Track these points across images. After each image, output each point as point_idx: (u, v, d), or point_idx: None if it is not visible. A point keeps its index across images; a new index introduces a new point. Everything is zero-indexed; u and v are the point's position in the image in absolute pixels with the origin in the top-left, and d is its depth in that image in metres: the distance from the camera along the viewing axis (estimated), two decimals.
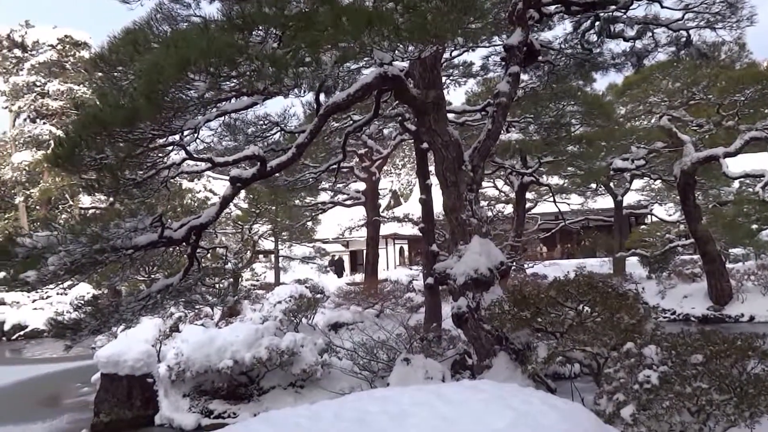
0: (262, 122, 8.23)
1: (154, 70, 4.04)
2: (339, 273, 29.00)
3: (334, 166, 10.91)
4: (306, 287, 13.17)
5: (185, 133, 5.28)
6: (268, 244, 20.86)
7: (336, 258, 32.56)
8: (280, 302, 12.00)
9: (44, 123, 32.70)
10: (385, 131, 15.35)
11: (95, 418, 8.82)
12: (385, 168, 23.61)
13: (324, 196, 19.23)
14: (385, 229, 23.46)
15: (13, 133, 35.02)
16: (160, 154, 5.71)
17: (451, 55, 11.30)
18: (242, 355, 8.85)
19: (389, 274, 21.48)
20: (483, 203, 21.67)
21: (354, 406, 3.01)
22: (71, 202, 30.44)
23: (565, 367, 7.90)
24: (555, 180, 20.14)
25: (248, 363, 8.85)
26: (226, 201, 6.48)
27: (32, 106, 33.17)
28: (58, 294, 21.95)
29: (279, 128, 8.37)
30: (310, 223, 20.38)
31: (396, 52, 5.42)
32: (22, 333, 20.33)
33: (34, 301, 23.02)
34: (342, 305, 13.32)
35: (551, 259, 25.76)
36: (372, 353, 8.92)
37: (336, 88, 7.52)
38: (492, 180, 21.44)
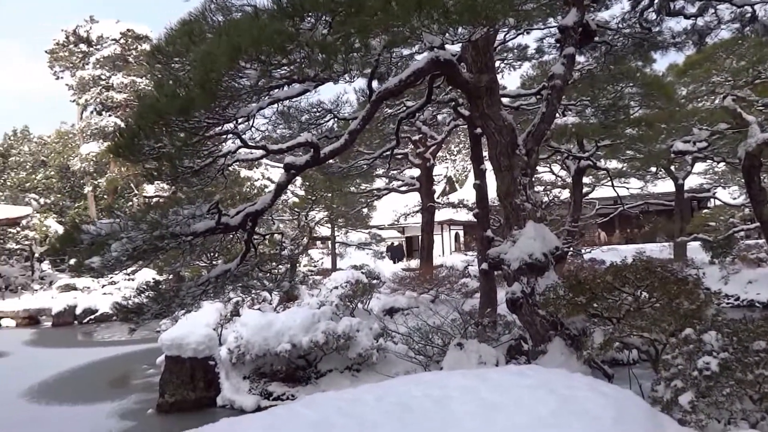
0: (315, 109, 8.31)
1: (207, 60, 4.14)
2: (398, 258, 29.08)
3: (388, 153, 10.93)
4: (362, 273, 13.27)
5: (239, 121, 5.39)
6: (324, 231, 21.12)
7: (395, 244, 32.70)
8: (336, 288, 12.15)
9: (109, 115, 33.99)
10: (439, 117, 15.24)
11: (160, 399, 9.20)
12: (440, 154, 23.47)
13: (379, 183, 19.31)
14: (441, 215, 23.38)
15: (80, 126, 36.57)
16: (216, 143, 5.85)
17: (504, 38, 11.09)
18: (299, 339, 9.04)
19: (445, 260, 21.41)
20: (539, 188, 21.30)
21: (397, 390, 3.02)
22: (136, 191, 31.59)
23: (622, 353, 7.73)
24: (613, 164, 19.59)
25: (305, 347, 9.03)
26: (280, 188, 6.60)
27: (98, 99, 34.52)
28: (125, 279, 22.91)
29: (332, 115, 8.44)
30: (365, 210, 20.51)
31: (446, 35, 5.36)
32: (92, 317, 21.30)
33: (103, 286, 24.10)
34: (397, 291, 13.38)
35: (610, 245, 25.11)
36: (427, 338, 8.96)
37: (389, 75, 7.52)
38: (548, 165, 21.04)
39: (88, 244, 5.49)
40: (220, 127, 5.49)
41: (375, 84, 7.10)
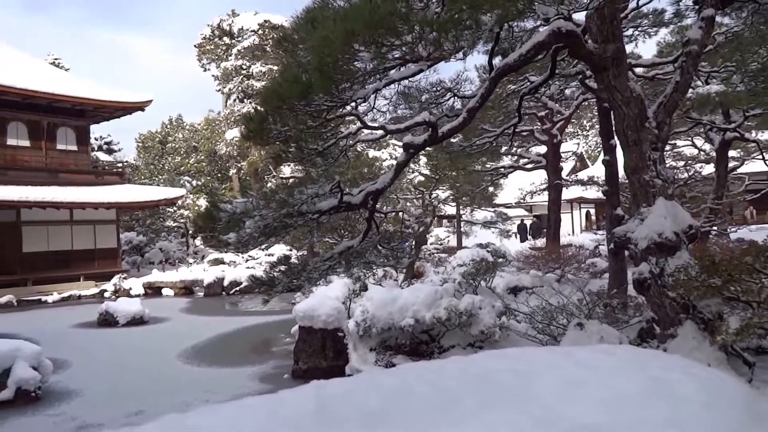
0: (435, 89, 8.37)
1: (324, 45, 4.37)
2: (534, 235, 28.48)
3: (511, 130, 10.75)
4: (487, 251, 13.24)
5: (358, 102, 5.61)
6: (450, 209, 21.20)
7: (531, 222, 32.08)
8: (461, 265, 12.24)
9: (250, 102, 36.21)
10: (567, 91, 14.67)
11: (295, 365, 9.85)
12: (570, 130, 22.62)
13: (504, 161, 19.02)
14: (570, 192, 22.56)
15: (225, 113, 39.29)
16: (338, 124, 6.14)
17: (638, 3, 10.44)
18: (422, 315, 9.26)
19: (573, 239, 20.71)
20: (679, 163, 19.87)
21: (482, 363, 3.06)
22: (274, 173, 33.48)
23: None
24: (766, 135, 17.74)
25: (428, 322, 9.23)
26: (399, 167, 6.77)
27: (240, 87, 36.88)
28: (266, 255, 24.52)
29: (452, 94, 8.46)
30: (490, 188, 20.28)
31: (563, 4, 5.21)
32: (237, 289, 23.04)
33: (246, 260, 25.94)
34: (522, 269, 13.21)
35: (762, 223, 22.86)
36: (550, 317, 8.82)
37: (512, 50, 7.40)
38: (690, 138, 19.51)
39: (226, 222, 6.03)
40: (341, 110, 5.75)
41: (496, 60, 7.03)
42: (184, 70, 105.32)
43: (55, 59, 42.34)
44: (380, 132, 6.71)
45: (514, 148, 17.05)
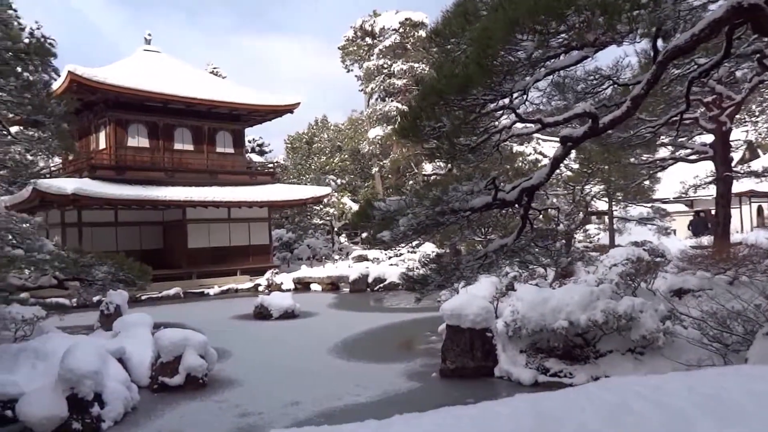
0: (592, 77, 7.85)
1: (483, 36, 4.19)
2: (696, 233, 26.26)
3: (675, 118, 9.87)
4: (644, 250, 12.34)
5: (514, 95, 5.36)
6: (601, 205, 20.07)
7: (692, 218, 29.71)
8: (615, 265, 11.51)
9: (391, 101, 36.84)
10: (738, 73, 13.21)
11: (442, 364, 9.76)
12: (738, 116, 20.53)
13: (663, 152, 17.63)
14: (739, 185, 20.46)
15: (367, 112, 40.26)
16: (491, 119, 5.93)
17: None
18: (577, 317, 8.78)
19: (745, 237, 18.74)
20: None
21: (709, 380, 2.70)
22: (416, 170, 33.75)
23: None
24: None
25: (583, 325, 8.75)
26: (557, 161, 6.42)
27: (381, 87, 37.62)
28: (409, 252, 24.77)
29: (611, 82, 7.89)
30: (647, 182, 18.90)
31: None
32: (381, 285, 23.49)
33: (389, 258, 26.38)
34: (686, 270, 12.12)
35: None
36: (723, 324, 7.97)
37: (675, 31, 6.75)
38: None
39: (379, 219, 6.06)
40: (495, 103, 5.54)
41: (660, 43, 6.44)
42: (327, 71, 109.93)
43: (214, 68, 45.80)
44: (535, 125, 6.38)
45: (676, 138, 15.71)
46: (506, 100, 5.29)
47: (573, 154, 17.22)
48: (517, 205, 6.60)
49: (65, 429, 7.30)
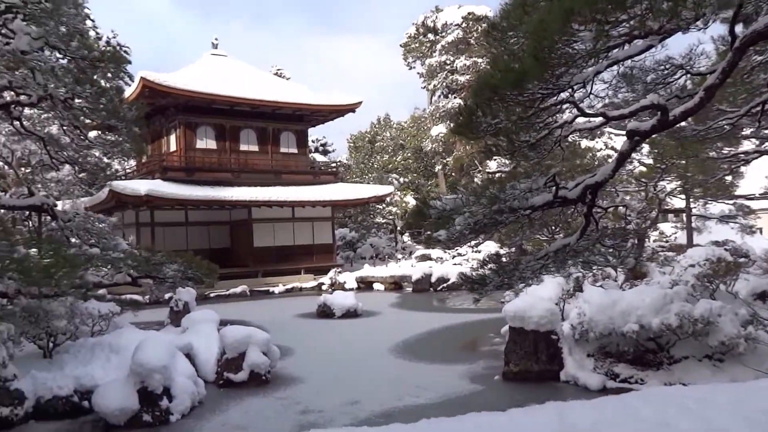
0: (662, 67, 7.39)
1: (539, 28, 3.98)
2: None
3: (758, 108, 9.21)
4: (725, 250, 11.61)
5: (575, 89, 5.10)
6: (677, 202, 19.12)
7: None
8: (692, 266, 10.89)
9: (454, 97, 36.45)
10: None
11: (505, 367, 9.51)
12: None
13: (747, 145, 16.57)
14: None
15: (430, 110, 40.03)
16: (551, 114, 5.67)
17: None
18: (648, 320, 8.36)
19: None
20: None
21: (760, 394, 2.41)
22: (480, 167, 33.29)
23: None
24: None
25: (655, 329, 8.32)
26: (623, 157, 6.08)
27: (444, 83, 37.30)
28: (472, 251, 24.42)
29: (684, 71, 7.43)
30: (728, 177, 17.81)
31: None
32: (444, 285, 23.25)
33: (453, 257, 26.10)
34: None
35: None
36: None
37: (758, 14, 6.28)
38: None
39: (436, 218, 5.90)
40: (555, 98, 5.29)
41: (739, 28, 6.00)
42: (389, 69, 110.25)
43: (278, 70, 46.62)
44: (599, 119, 6.06)
45: (760, 130, 14.73)
46: (565, 94, 5.03)
47: (646, 148, 16.47)
48: (580, 203, 6.31)
49: (136, 421, 7.56)
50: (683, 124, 9.89)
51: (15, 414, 7.70)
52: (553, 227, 12.94)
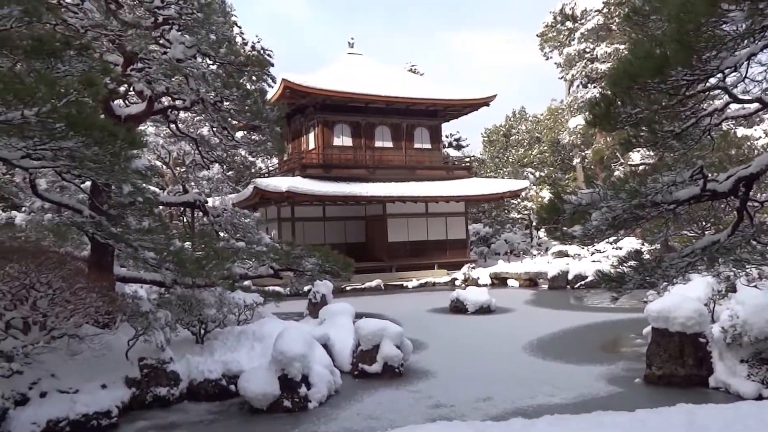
0: None
1: (683, 11, 3.74)
2: None
3: None
4: None
5: (726, 73, 4.74)
6: None
7: None
8: None
9: (594, 87, 34.81)
10: None
11: (648, 370, 9.02)
12: None
13: None
14: None
15: (568, 101, 38.59)
16: (699, 101, 5.31)
17: None
18: None
19: None
20: None
21: None
22: (621, 160, 31.62)
23: None
24: None
25: None
26: None
27: (583, 72, 35.76)
28: (613, 248, 23.30)
29: None
30: None
31: None
32: (582, 283, 22.37)
33: (592, 254, 25.07)
34: None
35: None
36: None
37: None
38: None
39: (570, 213, 5.74)
40: (703, 84, 4.95)
41: None
42: (523, 62, 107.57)
43: (412, 66, 47.14)
44: (755, 105, 5.59)
45: None
46: (715, 80, 4.69)
47: None
48: (732, 197, 5.85)
49: (277, 406, 8.06)
50: None
51: (171, 394, 8.49)
52: (703, 223, 12.02)
